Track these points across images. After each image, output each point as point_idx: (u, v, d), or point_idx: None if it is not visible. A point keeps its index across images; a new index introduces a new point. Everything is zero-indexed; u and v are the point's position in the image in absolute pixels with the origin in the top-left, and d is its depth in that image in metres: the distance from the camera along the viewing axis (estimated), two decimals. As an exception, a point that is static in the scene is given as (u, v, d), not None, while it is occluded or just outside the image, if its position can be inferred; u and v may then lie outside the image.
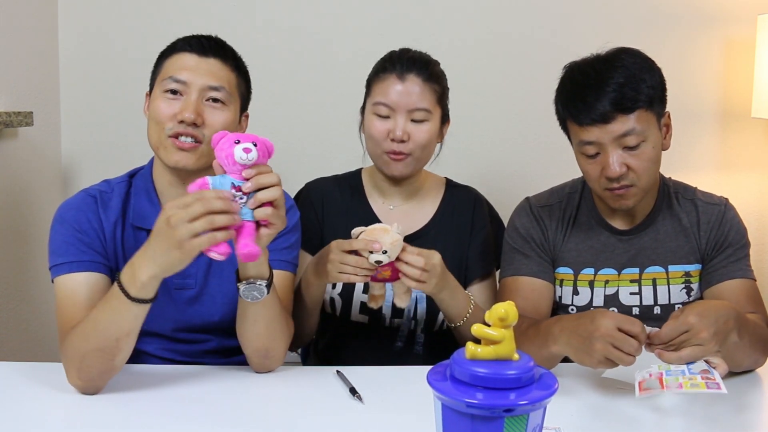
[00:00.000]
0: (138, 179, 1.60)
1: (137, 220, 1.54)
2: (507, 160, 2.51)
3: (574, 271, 1.65)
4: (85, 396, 1.38)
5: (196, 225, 1.20)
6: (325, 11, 2.45)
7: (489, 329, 0.90)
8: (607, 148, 1.49)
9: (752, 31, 2.39)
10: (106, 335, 1.33)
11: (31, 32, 2.30)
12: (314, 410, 1.34)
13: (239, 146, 1.25)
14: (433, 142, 1.74)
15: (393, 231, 1.47)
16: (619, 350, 1.26)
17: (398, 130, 1.67)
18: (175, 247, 1.22)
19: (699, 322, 1.26)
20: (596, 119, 1.48)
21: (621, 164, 1.49)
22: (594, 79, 1.49)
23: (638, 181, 1.52)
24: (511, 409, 0.87)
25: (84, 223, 1.50)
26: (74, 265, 1.46)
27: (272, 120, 2.46)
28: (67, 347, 1.37)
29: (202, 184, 1.25)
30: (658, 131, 1.53)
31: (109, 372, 1.38)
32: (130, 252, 1.45)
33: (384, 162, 1.72)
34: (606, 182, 1.52)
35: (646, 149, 1.50)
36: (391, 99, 1.68)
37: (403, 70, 1.69)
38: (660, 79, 1.53)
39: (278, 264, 1.55)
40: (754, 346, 1.42)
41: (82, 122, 2.47)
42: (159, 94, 1.52)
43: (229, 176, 1.26)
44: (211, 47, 1.55)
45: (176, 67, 1.52)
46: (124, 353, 1.36)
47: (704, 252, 1.62)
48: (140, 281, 1.28)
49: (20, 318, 2.22)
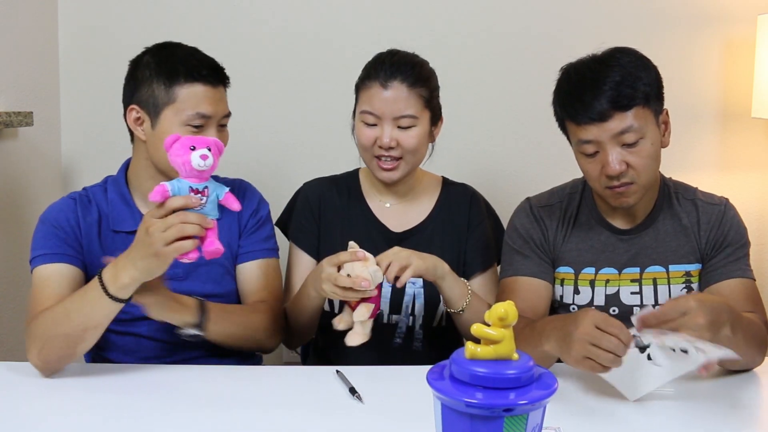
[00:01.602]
0: (111, 186, 1.67)
1: (115, 224, 1.63)
2: (506, 160, 2.51)
3: (574, 270, 1.65)
4: (85, 396, 1.39)
5: (168, 234, 1.30)
6: (324, 11, 2.45)
7: (489, 329, 0.90)
8: (606, 146, 1.50)
9: (752, 31, 2.39)
10: (75, 323, 1.42)
11: (31, 32, 2.30)
12: (314, 410, 1.34)
13: (196, 153, 1.31)
14: (424, 145, 1.74)
15: (370, 260, 1.48)
16: (597, 347, 1.26)
17: (385, 138, 1.67)
18: (152, 254, 1.32)
19: (698, 307, 1.26)
20: (594, 118, 1.49)
21: (620, 162, 1.50)
22: (590, 79, 1.50)
23: (638, 178, 1.52)
24: (510, 408, 0.87)
25: (62, 221, 1.60)
26: (49, 257, 1.56)
27: (271, 120, 2.46)
28: (35, 327, 1.45)
29: (162, 191, 1.32)
30: (657, 128, 1.54)
31: (68, 358, 1.46)
32: (111, 252, 1.54)
33: (375, 168, 1.73)
34: (606, 180, 1.53)
35: (644, 146, 1.51)
36: (376, 107, 1.68)
37: (387, 77, 1.68)
38: (656, 76, 1.54)
39: (262, 253, 1.70)
40: (748, 344, 1.41)
41: (82, 122, 2.47)
42: (178, 127, 1.55)
43: (186, 180, 1.33)
44: (219, 76, 1.62)
45: (198, 101, 1.56)
46: (86, 343, 1.45)
47: (704, 251, 1.63)
48: (121, 282, 1.37)
49: (20, 318, 2.22)
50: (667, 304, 1.29)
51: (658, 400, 1.37)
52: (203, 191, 1.33)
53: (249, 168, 2.35)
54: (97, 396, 1.39)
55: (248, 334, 1.60)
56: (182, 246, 1.30)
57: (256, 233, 1.70)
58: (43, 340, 1.43)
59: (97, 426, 1.28)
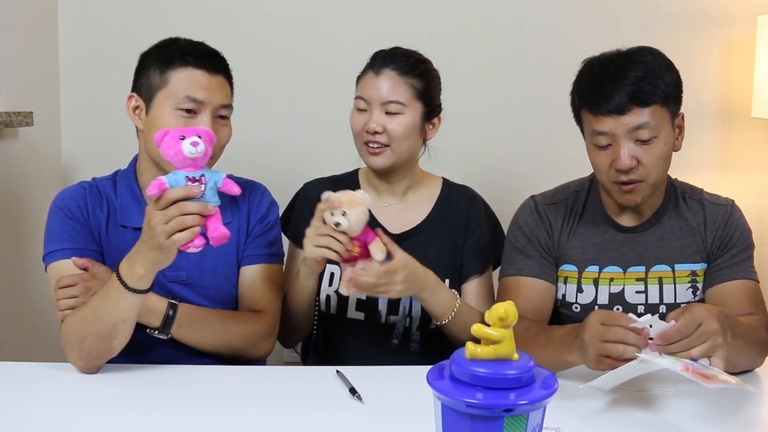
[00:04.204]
0: (122, 179, 1.65)
1: (123, 219, 1.61)
2: (507, 159, 2.51)
3: (578, 268, 1.65)
4: (85, 397, 1.39)
5: (168, 227, 1.31)
6: (325, 9, 2.45)
7: (489, 329, 0.90)
8: (620, 139, 1.51)
9: (752, 31, 2.39)
10: (104, 321, 1.42)
11: (31, 32, 2.30)
12: (314, 410, 1.34)
13: (186, 141, 1.32)
14: (413, 136, 1.74)
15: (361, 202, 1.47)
16: (607, 342, 1.26)
17: (372, 123, 1.70)
18: (156, 247, 1.33)
19: (708, 315, 1.25)
20: (612, 110, 1.50)
21: (632, 157, 1.51)
22: (613, 72, 1.52)
23: (647, 176, 1.53)
24: (510, 408, 0.87)
25: (75, 210, 1.59)
26: (68, 252, 1.55)
27: (271, 120, 2.47)
28: (67, 332, 1.46)
29: (158, 185, 1.32)
30: (671, 130, 1.54)
31: (108, 354, 1.47)
32: (116, 247, 1.57)
33: (364, 154, 1.75)
34: (615, 175, 1.53)
35: (657, 145, 1.51)
36: (366, 93, 1.73)
37: (380, 65, 1.73)
38: (677, 79, 1.55)
39: (265, 258, 1.67)
40: (749, 347, 1.42)
41: (82, 122, 2.47)
42: (170, 111, 1.54)
43: (181, 171, 1.33)
44: (218, 64, 1.59)
45: (191, 85, 1.54)
46: (121, 337, 1.45)
47: (710, 251, 1.63)
48: (137, 274, 1.38)
49: (20, 318, 2.22)
50: (681, 320, 1.26)
51: (659, 399, 1.37)
52: (200, 179, 1.33)
53: (249, 168, 2.34)
54: (96, 396, 1.39)
55: (223, 342, 1.58)
56: (183, 237, 1.31)
57: (262, 237, 1.68)
58: (79, 342, 1.44)
59: (97, 425, 1.28)
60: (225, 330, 1.59)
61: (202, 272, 1.63)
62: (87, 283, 1.50)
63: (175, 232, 1.31)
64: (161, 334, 1.52)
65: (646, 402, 1.36)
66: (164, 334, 1.52)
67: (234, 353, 1.60)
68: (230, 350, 1.60)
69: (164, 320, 1.52)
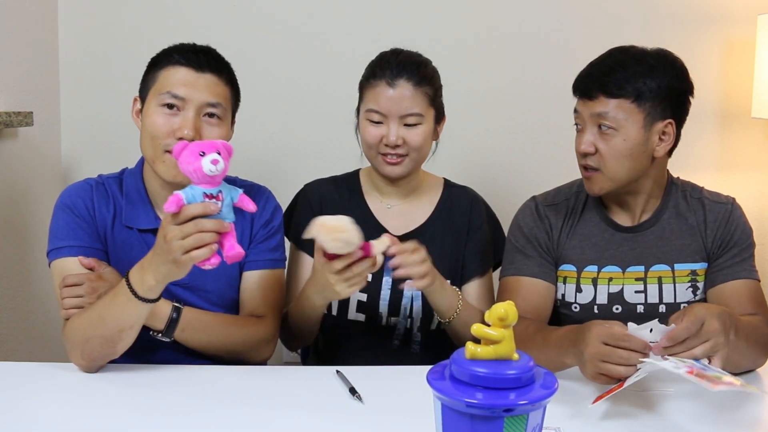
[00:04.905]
0: (128, 178, 1.64)
1: (128, 220, 1.60)
2: (507, 159, 2.51)
3: (577, 268, 1.65)
4: (86, 397, 1.39)
5: (186, 243, 1.29)
6: (324, 10, 2.45)
7: (489, 329, 0.90)
8: (586, 123, 1.57)
9: (752, 31, 2.39)
10: (111, 326, 1.42)
11: (31, 32, 2.30)
12: (314, 410, 1.34)
13: (206, 159, 1.28)
14: (429, 142, 1.75)
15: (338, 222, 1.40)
16: (608, 363, 1.26)
17: (392, 136, 1.68)
18: (170, 261, 1.31)
19: (709, 314, 1.25)
20: (583, 93, 1.57)
21: (590, 143, 1.56)
22: (605, 61, 1.57)
23: (602, 166, 1.56)
24: (510, 408, 0.87)
25: (81, 208, 1.58)
26: (74, 250, 1.54)
27: (271, 120, 2.47)
28: (72, 333, 1.46)
29: (176, 201, 1.29)
30: (640, 130, 1.54)
31: (111, 356, 1.47)
32: (121, 247, 1.56)
33: (380, 164, 1.74)
34: (579, 158, 1.60)
35: (615, 138, 1.54)
36: (382, 106, 1.69)
37: (393, 75, 1.69)
38: (678, 88, 1.56)
39: (267, 264, 1.67)
40: (751, 347, 1.42)
41: (82, 122, 2.47)
42: (155, 107, 1.54)
43: (199, 187, 1.30)
44: (208, 62, 1.57)
45: (173, 81, 1.53)
46: (125, 342, 1.45)
47: (710, 250, 1.63)
48: (147, 284, 1.37)
49: (20, 318, 2.22)
50: (685, 320, 1.26)
51: (659, 400, 1.37)
52: (217, 196, 1.30)
53: (249, 169, 2.34)
54: (96, 396, 1.39)
55: (225, 346, 1.58)
56: (200, 254, 1.29)
57: (265, 242, 1.67)
58: (82, 343, 1.44)
59: (98, 425, 1.28)
60: (227, 334, 1.59)
61: (204, 276, 1.60)
62: (93, 283, 1.50)
63: (192, 249, 1.29)
64: (164, 336, 1.52)
65: (647, 402, 1.36)
66: (167, 337, 1.52)
67: (235, 357, 1.60)
68: (231, 354, 1.60)
69: (168, 323, 1.51)
